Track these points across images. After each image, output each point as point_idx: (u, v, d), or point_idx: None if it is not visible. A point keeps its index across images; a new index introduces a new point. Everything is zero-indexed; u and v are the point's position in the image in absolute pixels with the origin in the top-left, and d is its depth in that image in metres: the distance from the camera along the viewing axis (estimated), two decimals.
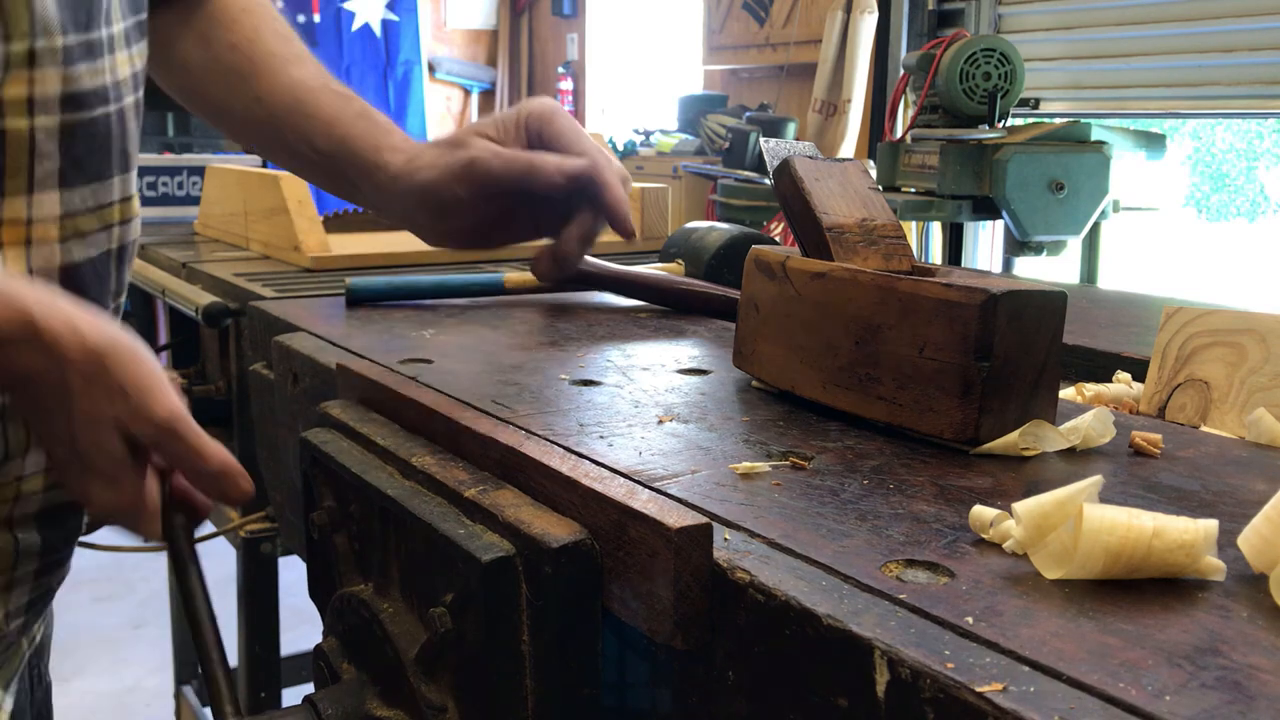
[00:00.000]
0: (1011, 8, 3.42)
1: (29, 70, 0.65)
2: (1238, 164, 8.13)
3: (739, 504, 0.52)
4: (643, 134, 4.75)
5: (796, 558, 0.46)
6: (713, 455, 0.59)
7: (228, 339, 1.44)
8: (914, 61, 2.77)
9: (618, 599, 0.50)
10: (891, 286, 0.62)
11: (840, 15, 3.71)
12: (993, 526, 0.47)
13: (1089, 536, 0.43)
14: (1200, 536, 0.43)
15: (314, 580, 0.75)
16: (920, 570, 0.45)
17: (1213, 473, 0.58)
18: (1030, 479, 0.56)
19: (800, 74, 4.16)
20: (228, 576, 1.61)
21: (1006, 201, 2.46)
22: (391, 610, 0.63)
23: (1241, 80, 2.88)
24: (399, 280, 1.06)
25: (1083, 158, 2.49)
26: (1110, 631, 0.39)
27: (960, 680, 0.36)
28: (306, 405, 0.85)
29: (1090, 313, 1.10)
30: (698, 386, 0.74)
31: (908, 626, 0.40)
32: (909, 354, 0.61)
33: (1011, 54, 2.63)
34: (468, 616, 0.54)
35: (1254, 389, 0.70)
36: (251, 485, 0.67)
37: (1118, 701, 0.35)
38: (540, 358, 0.82)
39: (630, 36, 5.82)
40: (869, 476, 0.56)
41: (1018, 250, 2.57)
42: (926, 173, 2.63)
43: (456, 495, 0.58)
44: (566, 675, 0.51)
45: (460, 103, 6.12)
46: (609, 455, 0.59)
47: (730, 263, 1.07)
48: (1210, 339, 0.73)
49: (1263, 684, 0.36)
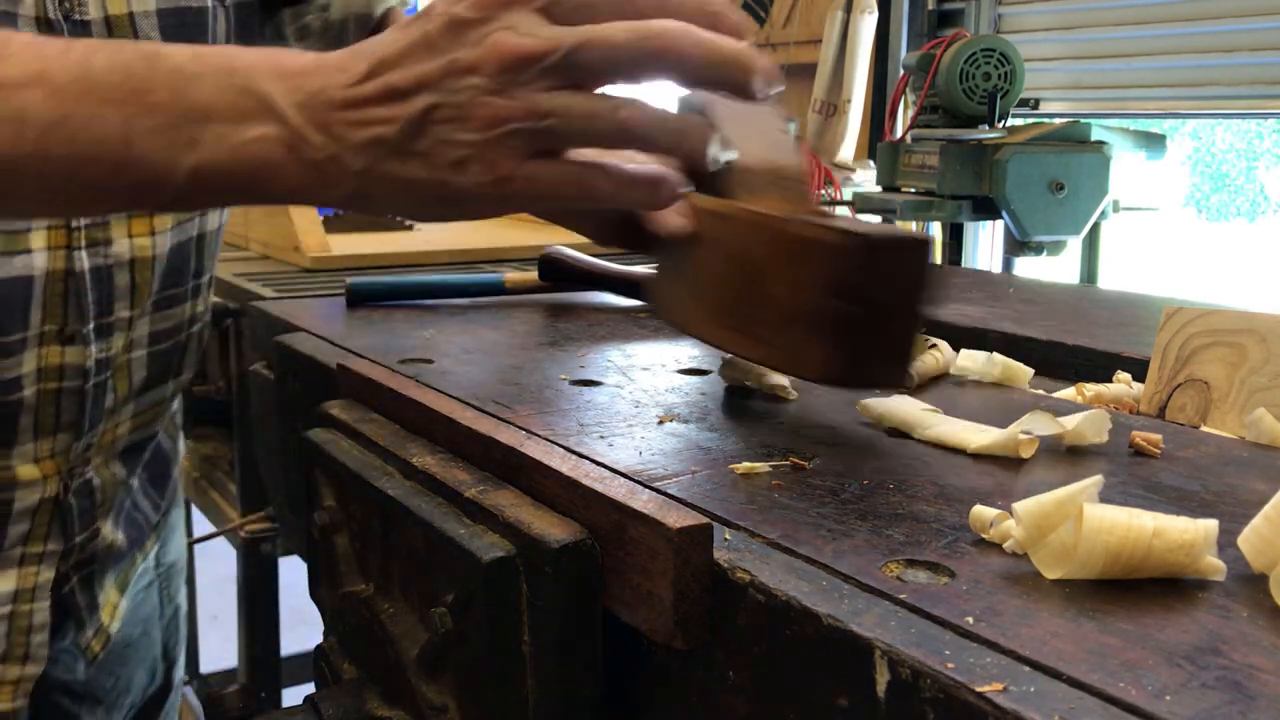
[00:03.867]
0: (1011, 8, 3.42)
1: None
2: (1238, 164, 8.13)
3: (739, 504, 0.52)
4: None
5: (797, 558, 0.46)
6: (713, 455, 0.59)
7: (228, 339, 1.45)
8: (914, 61, 2.77)
9: (618, 599, 0.50)
10: (771, 226, 0.61)
11: (840, 15, 3.71)
12: (993, 526, 0.47)
13: (1089, 536, 0.43)
14: (1200, 536, 0.43)
15: (314, 580, 0.75)
16: (920, 570, 0.45)
17: (1213, 473, 0.58)
18: (1030, 479, 0.56)
19: (800, 74, 4.16)
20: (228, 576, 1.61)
21: (1006, 201, 2.46)
22: (392, 610, 0.63)
23: (1241, 80, 2.88)
24: (399, 280, 1.06)
25: (1083, 158, 2.50)
26: (1110, 631, 0.39)
27: (960, 680, 0.36)
28: (307, 405, 0.85)
29: (1090, 313, 1.10)
30: (698, 386, 0.74)
31: (908, 626, 0.40)
32: (784, 295, 0.60)
33: (1011, 54, 2.63)
34: (468, 617, 0.54)
35: (1254, 389, 0.70)
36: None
37: (1118, 701, 0.35)
38: (540, 358, 0.82)
39: None
40: (869, 476, 0.56)
41: (1018, 250, 2.57)
42: (926, 173, 2.64)
43: (457, 495, 0.58)
44: (566, 675, 0.51)
45: None
46: (609, 455, 0.59)
47: None
48: (1210, 339, 0.73)
49: (1263, 684, 0.36)
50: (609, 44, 0.49)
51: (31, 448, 0.79)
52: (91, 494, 0.86)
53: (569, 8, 0.49)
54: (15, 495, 0.80)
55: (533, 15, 0.48)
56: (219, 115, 0.51)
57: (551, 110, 0.48)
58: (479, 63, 0.48)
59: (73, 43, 0.53)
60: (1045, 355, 0.89)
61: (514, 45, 0.47)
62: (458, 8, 0.48)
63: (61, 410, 0.79)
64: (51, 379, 0.77)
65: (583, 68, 0.49)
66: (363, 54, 0.51)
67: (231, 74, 0.51)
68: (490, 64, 0.47)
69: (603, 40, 0.49)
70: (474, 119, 0.48)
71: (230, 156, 0.51)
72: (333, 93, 0.50)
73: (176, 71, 0.51)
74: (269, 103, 0.50)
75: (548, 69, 0.48)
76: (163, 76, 0.51)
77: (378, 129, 0.49)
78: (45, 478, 0.80)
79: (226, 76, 0.51)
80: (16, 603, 0.80)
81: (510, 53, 0.47)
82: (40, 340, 0.77)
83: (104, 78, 0.51)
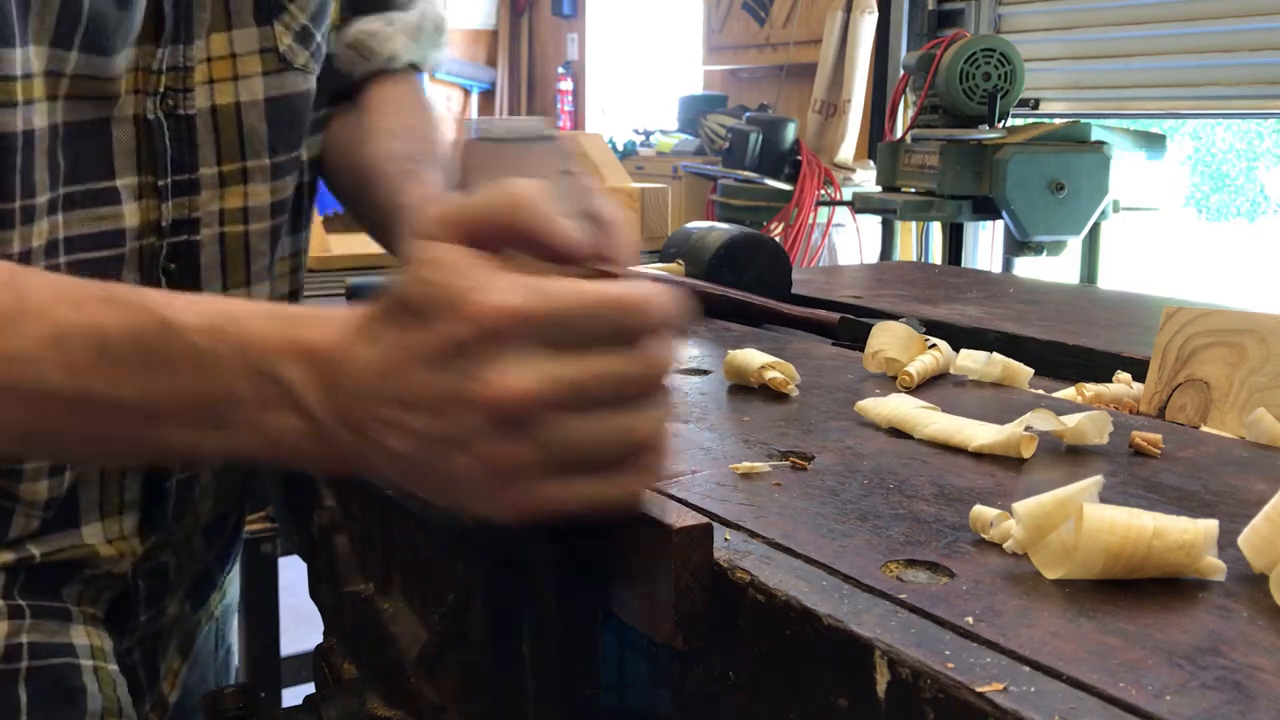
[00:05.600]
0: (1011, 8, 3.42)
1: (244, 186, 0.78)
2: (1238, 164, 8.13)
3: (739, 504, 0.52)
4: (643, 134, 4.75)
5: (797, 558, 0.46)
6: (713, 455, 0.59)
7: None
8: (914, 61, 2.77)
9: (618, 599, 0.50)
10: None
11: (840, 15, 3.71)
12: (993, 526, 0.47)
13: (1089, 536, 0.43)
14: (1200, 536, 0.43)
15: (314, 580, 0.75)
16: (920, 570, 0.45)
17: (1213, 473, 0.58)
18: (1030, 479, 0.56)
19: (800, 74, 4.16)
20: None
21: (1006, 201, 2.47)
22: (392, 610, 0.63)
23: (1241, 80, 2.88)
24: None
25: (1083, 158, 2.50)
26: (1110, 631, 0.39)
27: (960, 680, 0.36)
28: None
29: (1090, 313, 1.10)
30: (698, 386, 0.74)
31: (908, 626, 0.40)
32: None
33: (1011, 54, 2.63)
34: (468, 617, 0.54)
35: (1254, 389, 0.70)
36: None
37: (1118, 701, 0.35)
38: None
39: (630, 36, 5.82)
40: (869, 476, 0.56)
41: (1018, 250, 2.57)
42: (926, 173, 2.64)
43: None
44: (566, 675, 0.51)
45: (460, 102, 6.12)
46: None
47: (730, 263, 1.07)
48: (1210, 339, 0.73)
49: (1263, 684, 0.36)
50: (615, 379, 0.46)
51: (99, 527, 0.77)
52: (165, 575, 0.84)
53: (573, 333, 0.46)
54: (87, 563, 0.78)
55: (531, 348, 0.45)
56: (244, 402, 0.50)
57: (559, 446, 0.45)
58: (478, 402, 0.45)
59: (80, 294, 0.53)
60: (1045, 355, 0.89)
61: (518, 391, 0.44)
62: (450, 326, 0.45)
63: (126, 491, 0.78)
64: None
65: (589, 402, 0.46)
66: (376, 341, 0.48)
67: (247, 353, 0.50)
68: (489, 407, 0.45)
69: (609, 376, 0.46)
70: (483, 456, 0.45)
71: (261, 442, 0.51)
72: (352, 386, 0.48)
73: (193, 349, 0.50)
74: (293, 394, 0.49)
75: (552, 406, 0.45)
76: (180, 355, 0.50)
77: (396, 441, 0.47)
78: (120, 556, 0.79)
79: (243, 356, 0.50)
80: (95, 658, 0.78)
81: (515, 398, 0.44)
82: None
83: (121, 351, 0.51)
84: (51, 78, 0.67)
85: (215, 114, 0.77)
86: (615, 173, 1.79)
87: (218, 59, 0.76)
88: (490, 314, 0.44)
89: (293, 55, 0.80)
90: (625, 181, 1.77)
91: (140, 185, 0.74)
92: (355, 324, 0.50)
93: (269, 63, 0.78)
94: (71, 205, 0.71)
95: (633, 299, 0.46)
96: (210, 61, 0.76)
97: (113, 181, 0.72)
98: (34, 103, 0.67)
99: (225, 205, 0.78)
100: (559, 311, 0.45)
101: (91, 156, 0.71)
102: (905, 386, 0.73)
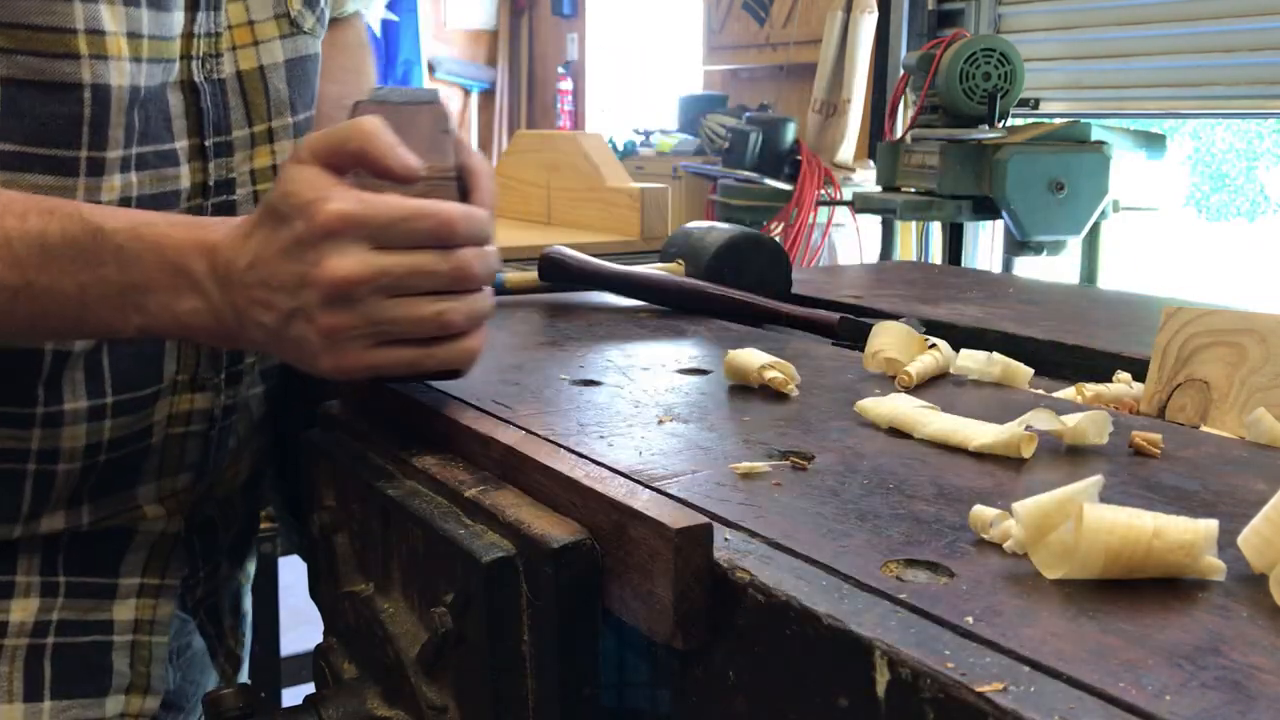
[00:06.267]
0: (1011, 8, 3.42)
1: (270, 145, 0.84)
2: (1238, 164, 8.13)
3: (739, 504, 0.52)
4: (643, 134, 4.75)
5: (797, 558, 0.46)
6: (713, 455, 0.59)
7: None
8: (914, 61, 2.77)
9: (618, 599, 0.50)
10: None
11: (840, 15, 3.71)
12: (993, 526, 0.47)
13: (1089, 536, 0.43)
14: (1200, 536, 0.43)
15: (314, 580, 0.75)
16: (920, 570, 0.45)
17: (1213, 473, 0.58)
18: (1030, 479, 0.56)
19: (800, 74, 4.16)
20: None
21: (1006, 201, 2.46)
22: (392, 610, 0.63)
23: (1241, 80, 2.88)
24: None
25: (1083, 158, 2.49)
26: (1110, 631, 0.39)
27: (960, 680, 0.36)
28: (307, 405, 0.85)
29: (1090, 313, 1.10)
30: (698, 386, 0.74)
31: (908, 626, 0.40)
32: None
33: (1011, 54, 2.63)
34: (468, 617, 0.54)
35: (1254, 389, 0.70)
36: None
37: (1118, 701, 0.35)
38: (540, 358, 0.82)
39: (630, 36, 5.82)
40: (869, 476, 0.56)
41: (1018, 250, 2.57)
42: (926, 173, 2.63)
43: (457, 495, 0.58)
44: (566, 675, 0.51)
45: (460, 102, 6.12)
46: (609, 455, 0.59)
47: (730, 263, 1.07)
48: (1210, 339, 0.73)
49: (1263, 684, 0.36)
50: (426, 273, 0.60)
51: (155, 487, 0.83)
52: (214, 531, 0.90)
53: (395, 235, 0.59)
54: (139, 528, 0.83)
55: (359, 243, 0.59)
56: (159, 288, 0.64)
57: (381, 320, 0.60)
58: (316, 282, 0.59)
59: (26, 208, 0.65)
60: (1045, 355, 0.89)
61: (344, 274, 0.58)
62: (299, 226, 0.59)
63: (186, 453, 0.84)
64: (179, 424, 0.82)
65: (406, 288, 0.60)
66: (252, 238, 0.61)
67: (164, 251, 0.64)
68: (324, 285, 0.59)
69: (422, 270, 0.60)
70: (319, 325, 0.60)
71: (171, 321, 0.65)
72: (235, 274, 0.62)
73: (120, 250, 0.64)
74: (196, 280, 0.63)
75: (377, 289, 0.59)
76: (109, 253, 0.64)
77: (262, 315, 0.61)
78: (169, 514, 0.84)
79: (160, 254, 0.64)
80: (136, 633, 0.83)
81: (341, 280, 0.58)
82: (174, 389, 0.81)
83: (58, 250, 0.64)
84: (133, 39, 0.73)
85: (241, 78, 0.82)
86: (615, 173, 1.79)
87: (238, 26, 0.82)
88: (328, 216, 0.58)
89: (302, 19, 0.86)
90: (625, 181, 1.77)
91: (190, 148, 0.79)
92: (242, 226, 0.63)
93: (283, 27, 0.84)
94: (144, 165, 0.75)
95: (445, 213, 0.60)
96: (232, 29, 0.81)
97: (173, 144, 0.78)
98: (123, 59, 0.72)
99: (255, 165, 0.83)
100: (383, 215, 0.59)
101: (159, 119, 0.76)
102: (905, 386, 0.73)
